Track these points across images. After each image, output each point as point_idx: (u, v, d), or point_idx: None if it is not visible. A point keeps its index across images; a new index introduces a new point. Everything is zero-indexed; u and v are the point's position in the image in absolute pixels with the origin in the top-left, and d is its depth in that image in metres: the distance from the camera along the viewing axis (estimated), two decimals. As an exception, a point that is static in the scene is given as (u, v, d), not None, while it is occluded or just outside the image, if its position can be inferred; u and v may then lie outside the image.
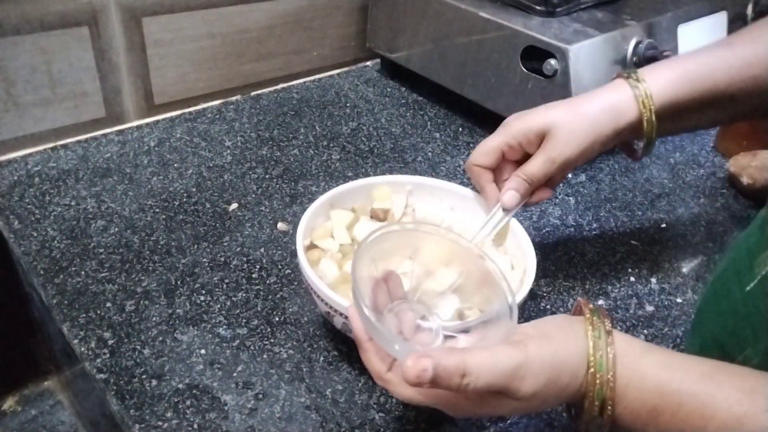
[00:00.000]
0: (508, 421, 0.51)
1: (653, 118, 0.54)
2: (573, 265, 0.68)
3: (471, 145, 0.87)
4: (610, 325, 0.41)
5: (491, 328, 0.44)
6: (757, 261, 0.46)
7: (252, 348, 0.55)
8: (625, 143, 0.60)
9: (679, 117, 0.55)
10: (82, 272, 0.61)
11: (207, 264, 0.63)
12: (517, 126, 0.56)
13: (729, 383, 0.37)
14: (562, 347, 0.40)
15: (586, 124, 0.54)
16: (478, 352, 0.38)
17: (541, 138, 0.55)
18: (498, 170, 0.58)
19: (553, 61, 0.75)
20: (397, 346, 0.40)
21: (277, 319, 0.58)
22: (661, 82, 0.54)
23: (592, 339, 0.40)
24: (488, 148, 0.57)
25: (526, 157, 0.56)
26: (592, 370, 0.39)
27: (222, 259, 0.64)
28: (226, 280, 0.62)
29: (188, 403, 0.50)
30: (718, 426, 0.36)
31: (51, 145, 0.79)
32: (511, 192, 0.56)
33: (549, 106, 0.56)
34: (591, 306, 0.43)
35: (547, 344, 0.40)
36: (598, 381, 0.39)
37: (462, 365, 0.37)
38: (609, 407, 0.39)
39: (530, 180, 0.55)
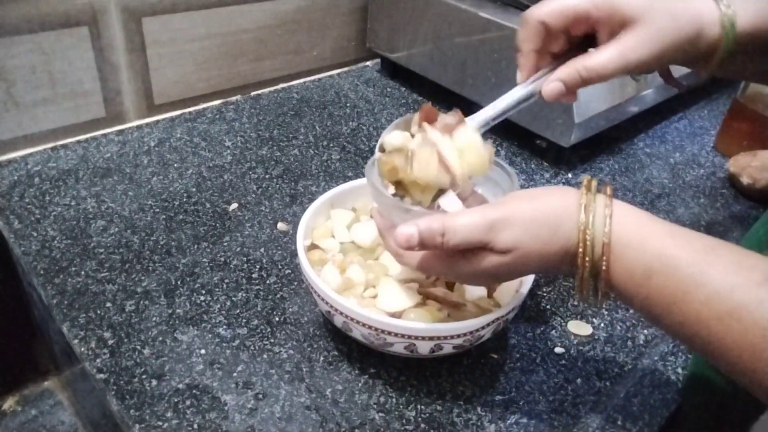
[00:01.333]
0: (509, 421, 0.51)
1: (731, 46, 0.46)
2: (573, 265, 0.68)
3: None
4: (610, 191, 0.41)
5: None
6: (764, 254, 0.46)
7: (252, 348, 0.55)
8: (667, 72, 0.54)
9: (756, 52, 0.48)
10: (82, 272, 0.61)
11: (207, 264, 0.63)
12: None
13: (729, 257, 0.37)
14: (543, 203, 0.41)
15: (675, 30, 0.45)
16: (459, 214, 0.42)
17: (623, 24, 0.45)
18: (546, 43, 0.48)
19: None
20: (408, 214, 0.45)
21: (277, 319, 0.58)
22: (750, 10, 0.46)
23: (585, 201, 0.40)
24: (566, 4, 0.46)
25: (584, 42, 0.48)
26: (582, 227, 0.39)
27: (222, 259, 0.64)
28: (226, 280, 0.62)
29: (188, 403, 0.50)
30: (709, 292, 0.36)
31: (51, 145, 0.79)
32: (558, 84, 0.47)
33: None
34: (594, 179, 0.42)
35: (527, 201, 0.42)
36: (589, 239, 0.39)
37: (442, 226, 0.41)
38: (604, 265, 0.39)
39: (590, 76, 0.46)
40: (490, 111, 0.50)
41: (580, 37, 0.47)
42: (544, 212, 0.41)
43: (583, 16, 0.46)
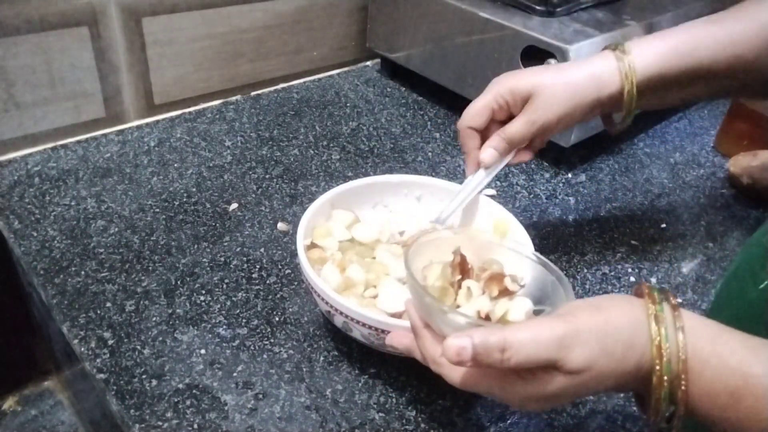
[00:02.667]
0: (509, 421, 0.51)
1: (634, 91, 0.54)
2: (573, 265, 0.68)
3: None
4: (675, 301, 0.38)
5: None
6: None
7: (252, 348, 0.55)
8: (605, 114, 0.61)
9: (661, 91, 0.56)
10: (82, 272, 0.61)
11: (207, 264, 0.63)
12: (504, 85, 0.56)
13: None
14: (614, 316, 0.37)
15: (570, 92, 0.55)
16: (520, 327, 0.37)
17: (526, 99, 0.55)
18: (484, 134, 0.59)
19: (553, 61, 0.75)
20: (458, 320, 0.40)
21: (277, 319, 0.58)
22: (647, 55, 0.54)
23: (654, 311, 0.37)
24: (478, 108, 0.57)
25: (511, 118, 0.57)
26: (657, 342, 0.35)
27: (222, 259, 0.64)
28: (226, 280, 0.62)
29: (188, 403, 0.50)
30: None
31: (51, 145, 0.79)
32: (490, 150, 0.57)
33: (536, 69, 0.57)
34: (651, 285, 0.39)
35: (597, 313, 0.37)
36: (665, 354, 0.35)
37: (503, 340, 0.35)
38: (683, 385, 0.35)
39: (509, 140, 0.56)
40: (454, 204, 0.59)
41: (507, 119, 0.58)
42: (617, 325, 0.36)
43: (495, 106, 0.56)
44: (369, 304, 0.52)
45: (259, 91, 0.96)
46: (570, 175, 0.84)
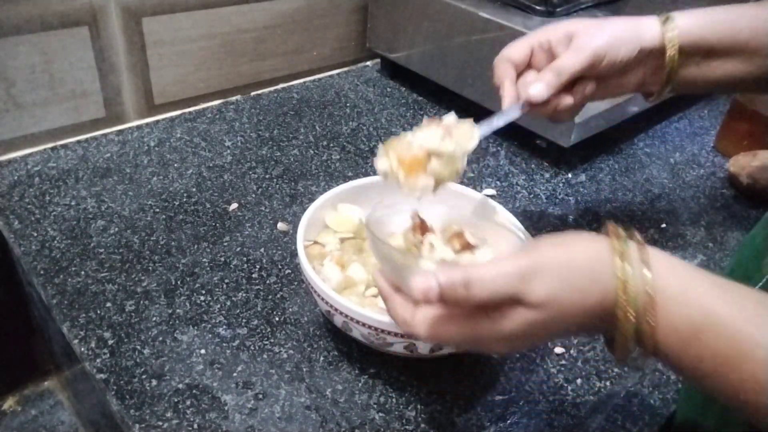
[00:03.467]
0: (509, 421, 0.51)
1: (676, 46, 0.54)
2: (573, 265, 0.68)
3: (471, 145, 0.87)
4: (640, 237, 0.37)
5: None
6: (764, 261, 0.46)
7: (252, 348, 0.55)
8: (642, 84, 0.58)
9: (700, 59, 0.55)
10: (82, 272, 0.61)
11: (207, 264, 0.63)
12: (545, 29, 0.56)
13: None
14: (578, 250, 0.37)
15: (610, 32, 0.54)
16: (483, 264, 0.37)
17: (568, 40, 0.54)
18: (519, 78, 0.57)
19: (553, 61, 0.75)
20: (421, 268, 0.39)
21: (277, 319, 0.58)
22: (688, 19, 0.54)
23: (618, 247, 0.36)
24: (519, 44, 0.56)
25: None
26: (620, 275, 0.35)
27: (222, 259, 0.64)
28: (226, 280, 0.62)
29: (188, 403, 0.50)
30: (766, 354, 0.33)
31: (51, 145, 0.79)
32: (540, 84, 0.54)
33: (572, 20, 0.57)
34: (617, 224, 0.39)
35: (560, 247, 0.37)
36: (631, 289, 0.35)
37: (467, 276, 0.35)
38: (649, 320, 0.35)
39: (560, 71, 0.54)
40: (489, 125, 0.54)
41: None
42: (580, 259, 0.36)
43: (536, 45, 0.56)
44: (370, 304, 0.52)
45: (259, 91, 0.96)
46: (570, 175, 0.84)
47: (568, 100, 0.55)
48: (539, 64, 0.56)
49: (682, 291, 0.35)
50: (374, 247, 0.44)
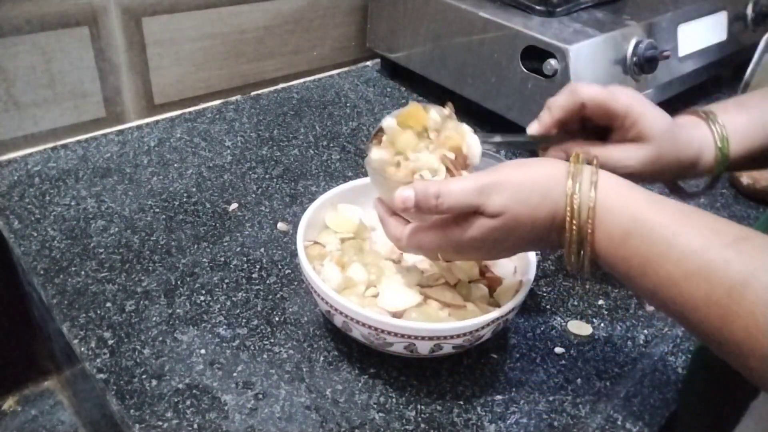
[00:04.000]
0: (509, 421, 0.51)
1: (726, 162, 0.53)
2: (573, 265, 0.68)
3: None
4: (596, 162, 0.43)
5: None
6: None
7: (252, 348, 0.55)
8: (676, 184, 0.60)
9: (749, 162, 0.55)
10: (82, 272, 0.61)
11: (207, 264, 0.63)
12: (619, 91, 0.51)
13: (701, 221, 0.39)
14: (534, 171, 0.43)
15: (675, 156, 0.52)
16: (452, 180, 0.44)
17: (637, 138, 0.50)
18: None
19: (553, 61, 0.75)
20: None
21: (277, 319, 0.58)
22: (740, 131, 0.53)
23: (572, 170, 0.42)
24: (609, 102, 0.50)
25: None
26: (569, 192, 0.41)
27: (222, 259, 0.64)
28: (226, 280, 0.62)
29: (188, 403, 0.50)
30: (680, 252, 0.38)
31: (51, 145, 0.79)
32: (560, 153, 0.52)
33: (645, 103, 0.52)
34: (582, 152, 0.44)
35: (519, 168, 0.43)
36: (576, 204, 0.41)
37: (437, 189, 0.43)
38: (589, 228, 0.41)
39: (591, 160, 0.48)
40: (498, 137, 0.55)
41: (592, 122, 0.53)
42: (534, 178, 0.43)
43: (614, 115, 0.50)
44: (370, 304, 0.52)
45: (259, 91, 0.96)
46: (570, 175, 0.84)
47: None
48: (597, 121, 0.52)
49: (620, 204, 0.41)
50: (374, 179, 0.50)
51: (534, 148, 0.54)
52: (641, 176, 0.51)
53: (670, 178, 0.56)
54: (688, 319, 0.38)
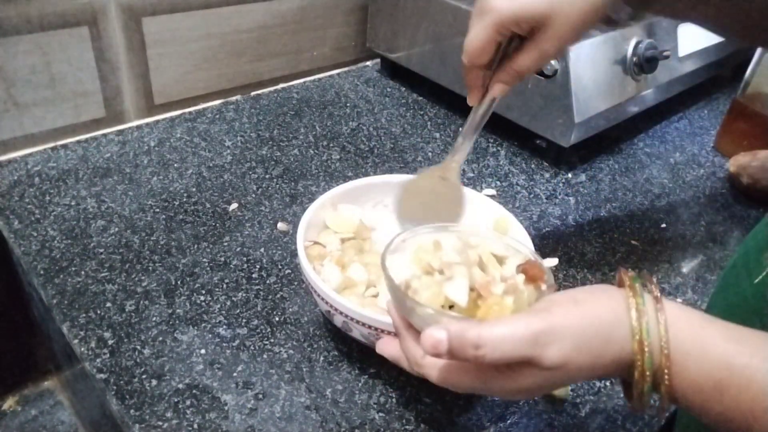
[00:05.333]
0: (509, 421, 0.51)
1: None
2: (573, 265, 0.68)
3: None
4: (657, 291, 0.37)
5: None
6: (766, 254, 0.46)
7: (252, 348, 0.55)
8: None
9: None
10: (82, 272, 0.61)
11: (207, 264, 0.63)
12: (507, 11, 0.48)
13: None
14: (592, 309, 0.37)
15: (582, 10, 0.48)
16: (496, 323, 0.36)
17: (536, 27, 0.49)
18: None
19: (553, 61, 0.75)
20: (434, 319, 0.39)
21: (277, 319, 0.58)
22: None
23: (634, 304, 0.36)
24: (482, 43, 0.50)
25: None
26: (637, 337, 0.35)
27: (222, 259, 0.64)
28: (226, 280, 0.62)
29: (188, 403, 0.50)
30: None
31: (51, 145, 0.79)
32: (500, 85, 0.53)
33: None
34: (632, 273, 0.39)
35: (574, 308, 0.37)
36: (647, 348, 0.35)
37: (477, 336, 0.35)
38: (666, 378, 0.35)
39: (519, 74, 0.52)
40: (467, 143, 0.55)
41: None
42: (594, 321, 0.36)
43: (500, 38, 0.50)
44: (370, 304, 0.52)
45: (259, 91, 0.97)
46: (570, 175, 0.84)
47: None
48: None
49: (700, 345, 0.35)
50: (389, 286, 0.43)
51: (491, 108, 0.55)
52: (567, 45, 0.50)
53: (588, 29, 0.50)
54: None
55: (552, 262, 0.62)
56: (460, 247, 0.46)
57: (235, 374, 0.52)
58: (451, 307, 0.43)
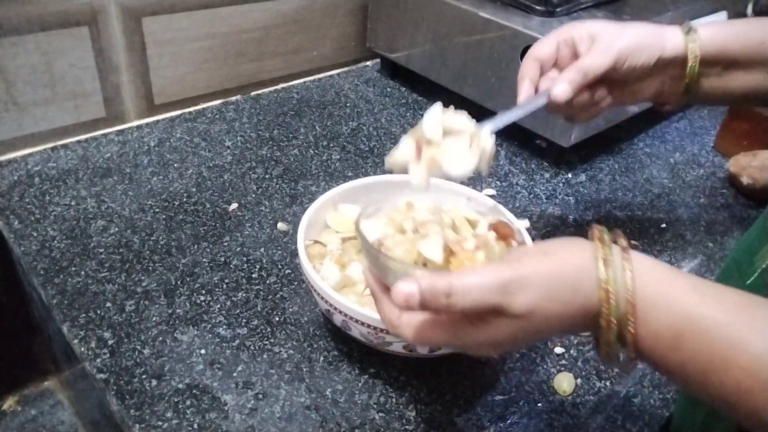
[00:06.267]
0: (509, 421, 0.51)
1: (698, 60, 0.53)
2: (573, 265, 0.68)
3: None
4: (626, 243, 0.38)
5: None
6: (757, 255, 0.46)
7: (252, 348, 0.55)
8: (660, 93, 0.58)
9: (722, 69, 0.55)
10: (82, 272, 0.61)
11: (207, 264, 0.63)
12: (568, 26, 0.55)
13: (764, 315, 0.34)
14: (561, 260, 0.37)
15: (635, 35, 0.53)
16: (466, 273, 0.37)
17: (592, 39, 0.54)
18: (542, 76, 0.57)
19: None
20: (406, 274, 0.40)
21: (277, 319, 0.58)
22: (710, 30, 0.54)
23: (603, 254, 0.37)
24: (546, 41, 0.56)
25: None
26: (604, 285, 0.36)
27: (222, 259, 0.64)
28: (226, 280, 0.62)
29: (188, 403, 0.50)
30: (749, 359, 0.33)
31: (51, 145, 0.79)
32: (564, 85, 0.53)
33: (594, 20, 0.56)
34: (602, 227, 0.39)
35: (544, 258, 0.38)
36: (612, 297, 0.35)
37: (448, 286, 0.36)
38: (630, 327, 0.35)
39: (585, 72, 0.53)
40: (504, 118, 0.53)
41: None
42: (563, 270, 0.37)
43: (562, 44, 0.55)
44: (369, 303, 0.52)
45: (259, 91, 0.96)
46: (570, 175, 0.84)
47: (585, 97, 0.55)
48: (563, 61, 0.56)
49: (663, 296, 0.35)
50: (364, 247, 0.44)
51: (538, 107, 0.56)
52: (621, 58, 0.52)
53: (640, 62, 0.54)
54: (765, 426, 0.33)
55: (523, 224, 0.62)
56: (433, 210, 0.47)
57: (235, 374, 0.52)
58: (424, 265, 0.43)
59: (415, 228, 0.44)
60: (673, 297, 0.35)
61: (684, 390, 0.38)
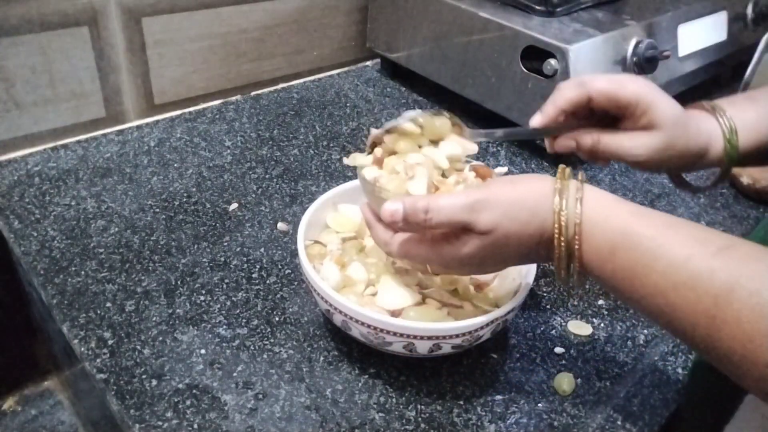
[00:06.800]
0: (509, 421, 0.51)
1: (735, 155, 0.53)
2: (573, 265, 0.68)
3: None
4: (583, 178, 0.44)
5: None
6: None
7: (252, 348, 0.55)
8: (681, 178, 0.59)
9: (758, 156, 0.55)
10: (82, 272, 0.61)
11: (207, 264, 0.63)
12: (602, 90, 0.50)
13: (686, 231, 0.40)
14: (523, 188, 0.44)
15: (685, 146, 0.51)
16: (442, 195, 0.45)
17: (648, 126, 0.50)
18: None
19: (553, 61, 0.75)
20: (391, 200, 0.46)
21: (277, 319, 0.58)
22: (747, 122, 0.53)
23: (559, 186, 0.43)
24: (617, 93, 0.49)
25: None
26: (556, 210, 0.42)
27: (222, 259, 0.64)
28: (226, 280, 0.62)
29: (188, 403, 0.50)
30: (666, 263, 0.38)
31: (51, 145, 0.79)
32: (572, 142, 0.53)
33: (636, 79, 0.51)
34: (568, 168, 0.45)
35: (509, 185, 0.44)
36: (563, 220, 0.42)
37: (426, 204, 0.43)
38: (576, 245, 0.42)
39: (599, 150, 0.52)
40: (500, 132, 0.56)
41: (602, 110, 0.51)
42: (524, 195, 0.43)
43: (623, 105, 0.49)
44: (369, 303, 0.52)
45: (259, 91, 0.97)
46: (570, 175, 0.84)
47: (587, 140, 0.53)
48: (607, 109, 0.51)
49: (605, 217, 0.41)
50: (363, 185, 0.50)
51: (537, 138, 0.55)
52: (649, 165, 0.51)
53: (678, 168, 0.55)
54: (677, 328, 0.39)
55: (502, 170, 0.68)
56: (422, 159, 0.52)
57: (235, 374, 0.52)
58: None
59: (405, 171, 0.51)
60: (612, 218, 0.41)
61: (619, 299, 0.44)
